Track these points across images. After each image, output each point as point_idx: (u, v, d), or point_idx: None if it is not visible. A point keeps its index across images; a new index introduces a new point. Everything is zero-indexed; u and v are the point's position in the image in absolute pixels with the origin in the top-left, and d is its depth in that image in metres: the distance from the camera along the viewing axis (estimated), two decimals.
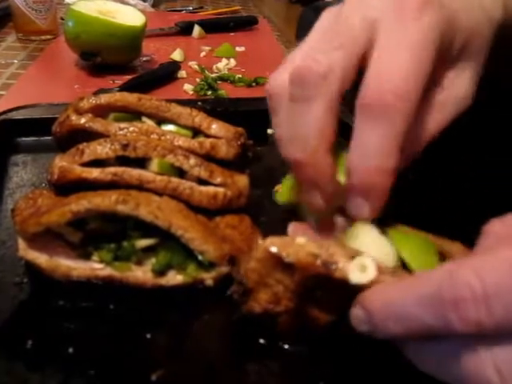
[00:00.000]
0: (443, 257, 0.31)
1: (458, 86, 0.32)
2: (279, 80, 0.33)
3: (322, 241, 0.30)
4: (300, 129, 0.30)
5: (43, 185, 0.49)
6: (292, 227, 0.35)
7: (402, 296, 0.23)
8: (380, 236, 0.31)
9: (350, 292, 0.27)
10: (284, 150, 0.33)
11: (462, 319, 0.21)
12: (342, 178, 0.32)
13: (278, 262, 0.30)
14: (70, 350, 0.33)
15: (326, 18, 0.33)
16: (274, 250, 0.30)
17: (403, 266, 0.30)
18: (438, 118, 0.32)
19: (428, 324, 0.22)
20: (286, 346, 0.34)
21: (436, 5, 0.29)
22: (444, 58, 0.31)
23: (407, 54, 0.28)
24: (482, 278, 0.21)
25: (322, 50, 0.30)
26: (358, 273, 0.27)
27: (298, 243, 0.29)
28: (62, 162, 0.42)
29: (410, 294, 0.23)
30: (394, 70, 0.28)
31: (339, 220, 0.34)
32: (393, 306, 0.23)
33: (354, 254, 0.28)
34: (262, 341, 0.34)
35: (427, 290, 0.22)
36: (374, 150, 0.28)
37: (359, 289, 0.26)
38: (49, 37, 1.00)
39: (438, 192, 0.50)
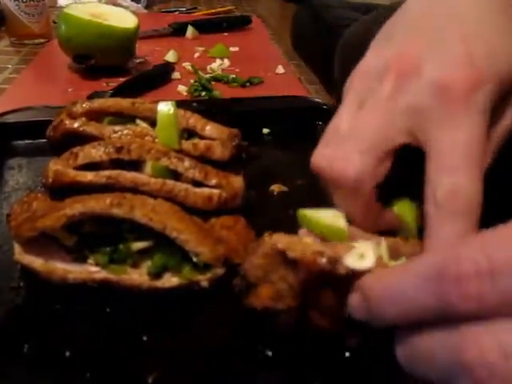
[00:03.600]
0: None
1: (505, 122, 0.32)
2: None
3: (328, 242, 0.30)
4: None
5: (39, 188, 0.49)
6: (301, 233, 0.34)
7: (400, 276, 0.22)
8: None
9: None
10: None
11: (463, 295, 0.19)
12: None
13: (282, 259, 0.30)
14: (67, 353, 0.33)
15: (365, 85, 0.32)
16: (279, 246, 0.30)
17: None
18: (491, 154, 0.32)
19: (426, 303, 0.21)
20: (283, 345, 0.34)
21: (486, 73, 0.28)
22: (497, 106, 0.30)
23: (464, 156, 0.28)
24: (488, 253, 0.19)
25: (348, 150, 0.31)
26: (355, 259, 0.27)
27: (305, 242, 0.30)
28: (56, 166, 0.42)
29: (409, 273, 0.22)
30: (459, 175, 0.28)
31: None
32: (390, 287, 0.22)
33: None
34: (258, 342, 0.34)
35: (428, 268, 0.21)
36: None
37: None
38: (42, 40, 1.00)
39: None
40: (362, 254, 0.27)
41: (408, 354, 0.22)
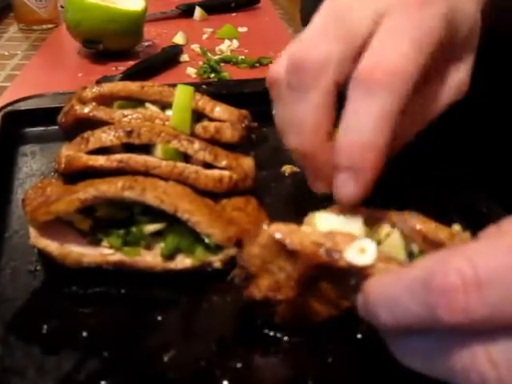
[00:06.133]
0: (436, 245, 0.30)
1: (457, 76, 0.32)
2: (278, 68, 0.33)
3: (328, 230, 0.29)
4: (296, 117, 0.31)
5: (52, 174, 0.49)
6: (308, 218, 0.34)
7: (393, 282, 0.22)
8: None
9: (354, 285, 0.27)
10: (283, 138, 0.34)
11: (449, 308, 0.19)
12: None
13: (281, 249, 0.29)
14: (84, 333, 0.34)
15: (329, 8, 0.33)
16: (278, 236, 0.29)
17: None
18: (432, 107, 0.32)
19: (415, 313, 0.21)
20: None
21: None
22: (447, 50, 0.31)
23: (407, 37, 0.28)
24: (474, 264, 0.19)
25: (321, 40, 0.30)
26: (356, 254, 0.27)
27: (304, 231, 0.29)
28: (68, 151, 0.43)
29: (401, 280, 0.22)
30: (392, 50, 0.28)
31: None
32: (384, 293, 0.23)
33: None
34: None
35: (418, 277, 0.21)
36: (365, 126, 0.27)
37: (362, 280, 0.26)
38: (50, 26, 1.00)
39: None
40: (363, 248, 0.27)
41: (403, 352, 0.23)
